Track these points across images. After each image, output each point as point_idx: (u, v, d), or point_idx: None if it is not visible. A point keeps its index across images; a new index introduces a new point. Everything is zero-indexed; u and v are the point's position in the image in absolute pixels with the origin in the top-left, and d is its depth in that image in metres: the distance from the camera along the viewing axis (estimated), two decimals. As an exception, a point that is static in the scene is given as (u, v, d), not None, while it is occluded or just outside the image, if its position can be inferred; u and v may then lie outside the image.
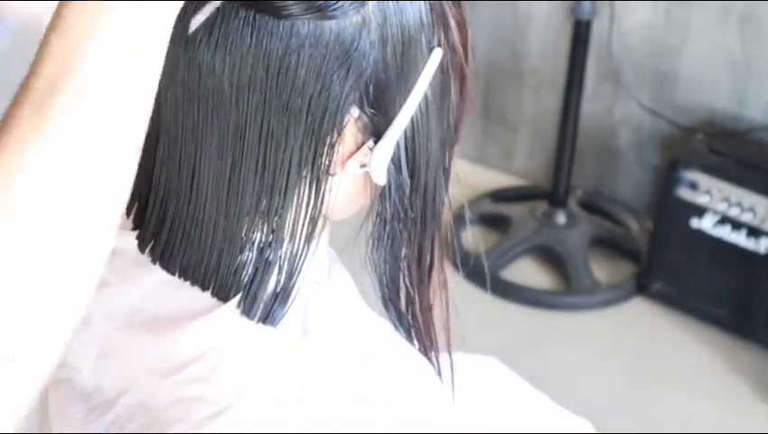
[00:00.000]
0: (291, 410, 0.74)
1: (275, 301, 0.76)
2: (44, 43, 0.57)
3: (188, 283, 0.77)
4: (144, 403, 0.76)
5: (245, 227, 0.74)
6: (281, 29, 0.70)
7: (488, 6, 2.60)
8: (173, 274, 0.77)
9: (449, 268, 0.91)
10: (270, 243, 0.75)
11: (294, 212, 0.75)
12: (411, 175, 0.80)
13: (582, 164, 2.61)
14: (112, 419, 0.78)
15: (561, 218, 2.51)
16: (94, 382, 0.80)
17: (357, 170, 0.76)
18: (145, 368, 0.77)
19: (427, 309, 0.88)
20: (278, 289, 0.76)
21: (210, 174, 0.74)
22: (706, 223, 2.20)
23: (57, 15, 0.57)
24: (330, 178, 0.75)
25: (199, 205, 0.75)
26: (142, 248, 0.78)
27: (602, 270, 2.43)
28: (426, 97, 0.77)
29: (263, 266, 0.75)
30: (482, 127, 2.77)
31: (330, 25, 0.70)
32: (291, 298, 0.76)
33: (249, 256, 0.75)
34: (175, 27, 0.61)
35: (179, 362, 0.75)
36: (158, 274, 0.77)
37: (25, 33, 3.00)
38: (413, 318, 0.88)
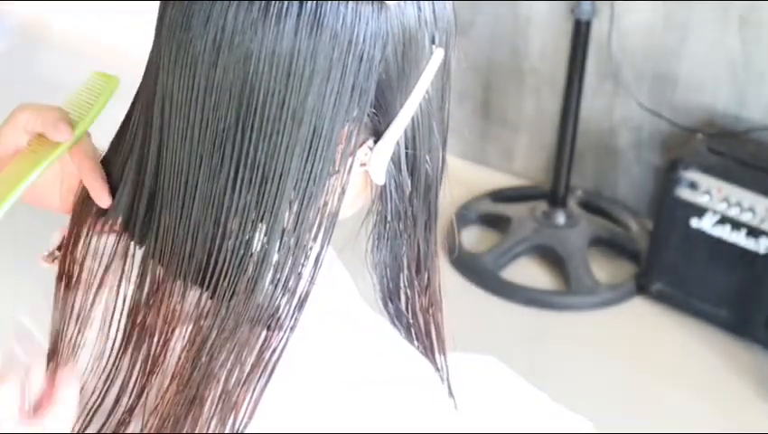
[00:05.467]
0: (289, 409, 0.75)
1: (273, 303, 0.75)
2: None
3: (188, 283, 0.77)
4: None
5: (242, 225, 0.74)
6: (286, 28, 0.70)
7: (488, 6, 2.60)
8: (171, 274, 0.77)
9: (449, 268, 0.91)
10: (269, 243, 0.74)
11: (293, 213, 0.75)
12: (411, 175, 0.80)
13: (582, 164, 2.61)
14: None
15: (561, 218, 2.51)
16: None
17: (357, 169, 0.76)
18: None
19: (427, 309, 0.88)
20: (277, 291, 0.75)
21: (204, 174, 0.73)
22: (705, 223, 2.20)
23: None
24: (330, 178, 0.75)
25: (196, 204, 0.75)
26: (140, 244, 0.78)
27: (602, 270, 2.43)
28: (427, 96, 0.77)
29: (262, 266, 0.75)
30: (482, 127, 2.77)
31: (334, 25, 0.70)
32: (293, 299, 0.76)
33: (248, 256, 0.75)
34: (174, 22, 0.61)
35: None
36: None
37: (25, 33, 3.00)
38: (413, 318, 0.88)
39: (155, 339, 0.76)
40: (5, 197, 0.78)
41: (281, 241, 0.74)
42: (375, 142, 0.76)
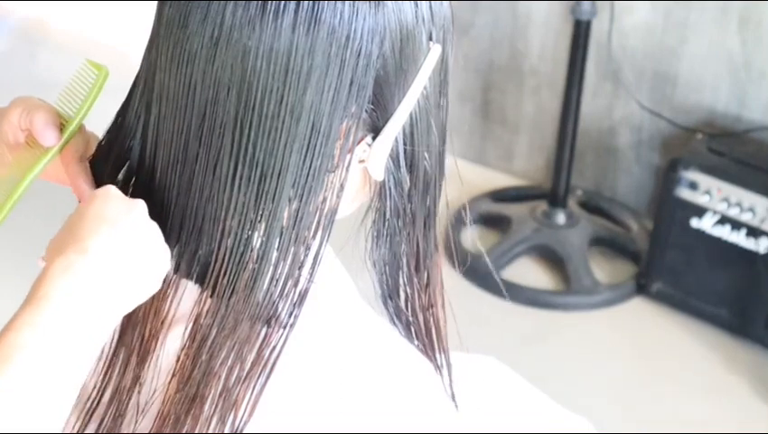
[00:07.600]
0: (289, 408, 0.74)
1: (273, 301, 0.75)
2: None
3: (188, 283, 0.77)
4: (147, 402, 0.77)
5: (241, 223, 0.74)
6: (284, 25, 0.70)
7: (488, 6, 2.60)
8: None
9: (449, 268, 0.90)
10: (268, 240, 0.74)
11: (292, 210, 0.75)
12: (410, 172, 0.80)
13: (582, 164, 2.61)
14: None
15: (561, 218, 2.51)
16: None
17: (355, 165, 0.76)
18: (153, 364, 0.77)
19: (427, 307, 0.88)
20: (277, 288, 0.75)
21: (201, 172, 0.73)
22: (705, 223, 2.20)
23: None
24: (328, 175, 0.75)
25: (194, 203, 0.74)
26: None
27: (602, 270, 2.43)
28: (425, 93, 0.77)
29: (261, 264, 0.75)
30: (482, 127, 2.77)
31: (331, 21, 0.70)
32: (292, 296, 0.76)
33: (248, 254, 0.75)
34: (172, 20, 0.61)
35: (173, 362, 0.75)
36: None
37: (25, 33, 3.00)
38: (413, 316, 0.88)
39: (145, 330, 0.76)
40: (3, 207, 0.78)
41: (280, 239, 0.74)
42: (373, 138, 0.76)
